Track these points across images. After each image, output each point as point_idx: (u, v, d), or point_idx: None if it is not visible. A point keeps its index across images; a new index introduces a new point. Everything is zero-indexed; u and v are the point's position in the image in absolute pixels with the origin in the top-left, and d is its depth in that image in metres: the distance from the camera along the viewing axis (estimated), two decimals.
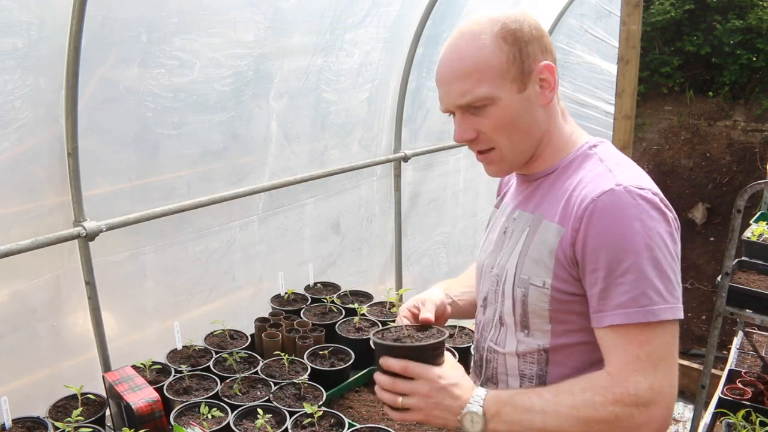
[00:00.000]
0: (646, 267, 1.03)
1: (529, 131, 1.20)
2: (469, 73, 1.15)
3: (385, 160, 3.44)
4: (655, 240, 1.04)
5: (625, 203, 1.05)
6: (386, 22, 3.07)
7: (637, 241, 1.04)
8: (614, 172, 1.12)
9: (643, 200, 1.06)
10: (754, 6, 6.99)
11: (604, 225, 1.06)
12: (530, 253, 1.19)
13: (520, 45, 1.16)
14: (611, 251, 1.05)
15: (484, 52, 1.15)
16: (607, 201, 1.06)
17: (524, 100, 1.17)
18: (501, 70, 1.15)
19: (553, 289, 1.15)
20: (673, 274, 1.06)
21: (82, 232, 2.09)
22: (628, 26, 2.55)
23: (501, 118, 1.17)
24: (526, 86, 1.17)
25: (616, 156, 1.20)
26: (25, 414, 1.96)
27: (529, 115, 1.18)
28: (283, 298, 2.78)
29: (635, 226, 1.04)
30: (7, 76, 1.89)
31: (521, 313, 1.21)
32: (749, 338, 3.36)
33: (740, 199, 2.71)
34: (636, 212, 1.05)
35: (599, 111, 4.48)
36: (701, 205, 6.94)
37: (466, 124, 1.20)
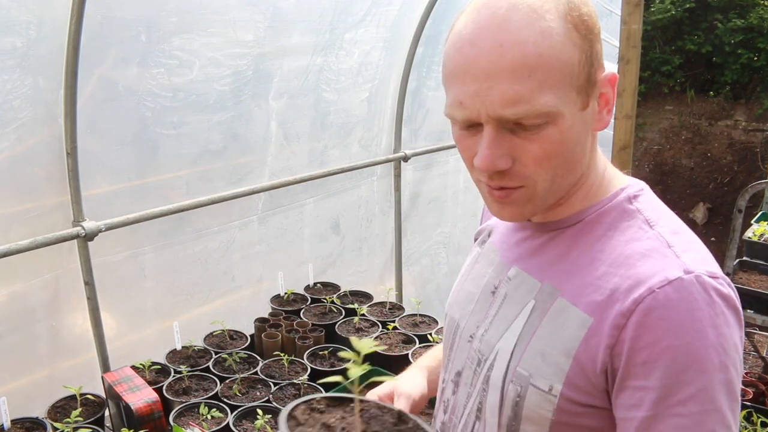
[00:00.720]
0: (718, 394, 0.73)
1: (577, 165, 0.85)
2: (529, 69, 0.75)
3: (385, 160, 3.44)
4: (731, 355, 0.75)
5: (698, 302, 0.74)
6: (386, 22, 3.06)
7: (711, 358, 0.73)
8: (676, 249, 0.79)
9: (720, 297, 0.75)
10: (756, 5, 6.99)
11: (667, 330, 0.74)
12: (536, 342, 0.86)
13: (591, 40, 0.80)
14: (672, 368, 0.73)
15: (552, 41, 0.75)
16: (674, 296, 0.74)
17: (584, 121, 0.81)
18: (572, 72, 0.77)
19: (563, 398, 0.82)
20: (739, 393, 0.78)
21: (81, 232, 2.09)
22: (629, 25, 2.55)
23: (557, 144, 0.79)
24: (588, 101, 0.81)
25: (667, 216, 0.86)
26: (24, 414, 1.96)
27: (583, 141, 0.83)
28: (283, 298, 2.78)
29: (710, 335, 0.73)
30: (6, 76, 1.88)
31: (510, 416, 0.87)
32: (750, 339, 3.36)
33: (741, 199, 2.70)
34: (711, 316, 0.74)
35: None
36: (702, 205, 6.94)
37: (502, 146, 0.79)
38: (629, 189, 0.88)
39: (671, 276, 0.75)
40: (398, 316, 2.69)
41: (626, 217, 0.85)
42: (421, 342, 2.45)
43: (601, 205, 0.87)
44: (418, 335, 2.49)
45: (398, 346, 2.43)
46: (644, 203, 0.87)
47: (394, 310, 2.77)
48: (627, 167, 2.70)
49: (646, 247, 0.81)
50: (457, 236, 4.18)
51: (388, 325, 2.51)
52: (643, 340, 0.75)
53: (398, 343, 2.45)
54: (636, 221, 0.85)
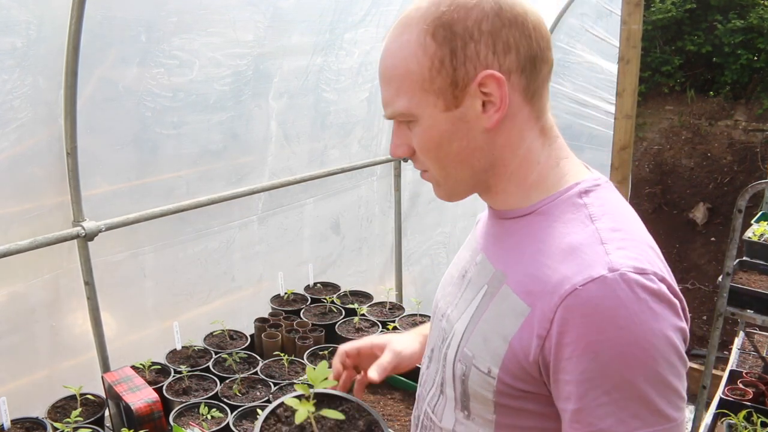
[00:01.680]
0: (643, 385, 0.76)
1: (466, 159, 0.90)
2: (389, 78, 0.89)
3: (384, 160, 3.44)
4: (659, 348, 0.77)
5: (620, 299, 0.76)
6: (386, 22, 3.06)
7: (634, 353, 0.76)
8: (607, 245, 0.81)
9: (645, 292, 0.77)
10: (755, 5, 6.99)
11: (588, 328, 0.77)
12: (482, 325, 0.90)
13: (455, 45, 0.84)
14: (594, 363, 0.77)
15: (404, 53, 0.86)
16: (595, 294, 0.77)
17: (456, 121, 0.87)
18: (422, 79, 0.86)
19: (500, 381, 0.86)
20: (679, 380, 0.79)
21: (81, 232, 2.09)
22: (629, 25, 2.54)
23: (425, 140, 0.89)
24: (459, 102, 0.86)
25: (614, 212, 0.87)
26: (24, 414, 1.96)
27: (464, 139, 0.88)
28: (283, 298, 2.78)
29: (633, 331, 0.76)
30: (6, 76, 1.88)
31: (461, 392, 0.93)
32: (750, 339, 3.36)
33: (741, 199, 2.70)
34: (635, 312, 0.76)
35: (600, 111, 4.47)
36: (702, 205, 6.94)
37: (400, 137, 0.93)
38: (584, 183, 0.90)
39: (595, 274, 0.78)
40: (398, 316, 2.68)
41: (572, 210, 0.87)
42: None
43: (553, 197, 0.90)
44: None
45: None
46: (594, 198, 0.88)
47: (394, 310, 2.77)
48: (627, 167, 2.70)
49: (580, 242, 0.83)
50: (457, 236, 4.18)
51: (388, 325, 2.51)
52: (567, 336, 0.78)
53: None
54: (580, 215, 0.86)
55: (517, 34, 0.85)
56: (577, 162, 0.95)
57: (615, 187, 0.95)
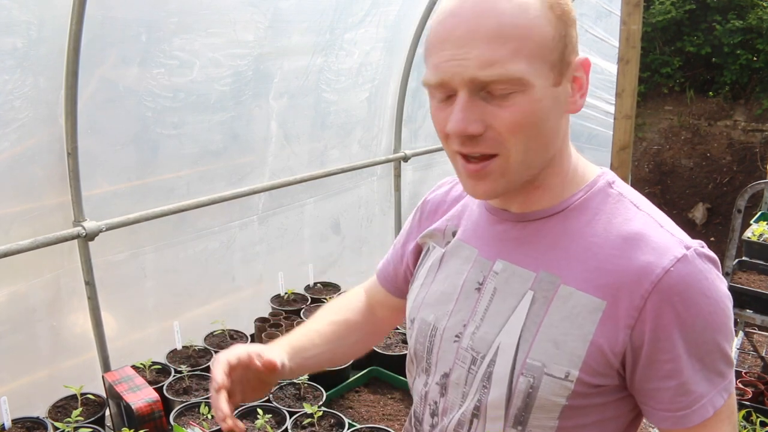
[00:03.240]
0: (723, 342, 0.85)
1: (551, 141, 0.87)
2: (506, 36, 0.79)
3: (385, 160, 3.44)
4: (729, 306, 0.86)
5: (703, 273, 0.83)
6: (386, 22, 3.06)
7: (719, 316, 0.84)
8: (665, 227, 0.87)
9: (710, 262, 0.86)
10: (754, 6, 6.99)
11: (686, 304, 0.81)
12: (546, 331, 0.87)
13: (567, 24, 0.84)
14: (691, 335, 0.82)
15: (529, 15, 0.80)
16: (685, 272, 0.82)
17: (555, 99, 0.84)
18: (546, 46, 0.81)
19: (579, 382, 0.85)
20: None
21: (81, 232, 2.09)
22: (629, 26, 2.55)
23: (527, 114, 0.81)
24: (560, 81, 0.84)
25: (641, 197, 0.93)
26: (25, 414, 1.96)
27: (555, 119, 0.85)
28: (283, 298, 2.78)
29: (715, 297, 0.83)
30: (6, 76, 1.88)
31: (521, 407, 0.88)
32: (750, 338, 3.36)
33: (740, 199, 2.71)
34: (712, 280, 0.84)
35: (599, 111, 4.48)
36: (701, 205, 6.94)
37: (474, 111, 0.82)
38: (606, 176, 0.94)
39: (678, 254, 0.83)
40: None
41: (611, 200, 0.90)
42: None
43: (583, 192, 0.91)
44: None
45: (398, 346, 2.44)
46: (622, 187, 0.93)
47: None
48: (627, 167, 2.70)
49: (641, 228, 0.86)
50: None
51: None
52: (665, 318, 0.82)
53: (398, 343, 2.46)
54: (623, 204, 0.90)
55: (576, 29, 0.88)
56: (582, 157, 0.98)
57: None
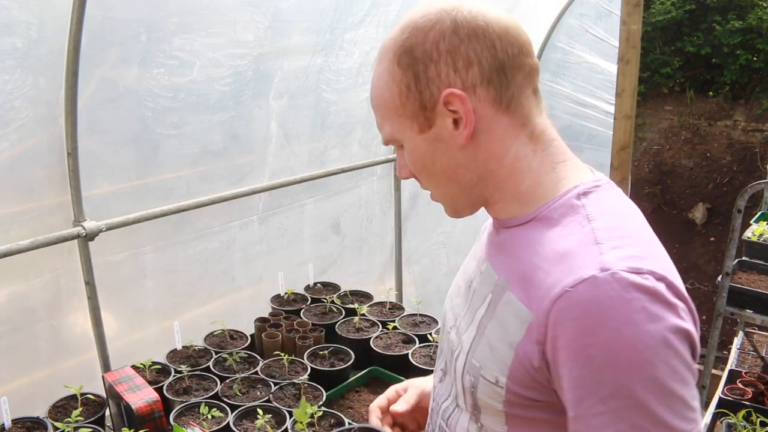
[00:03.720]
0: (640, 391, 0.72)
1: (452, 176, 0.91)
2: (375, 107, 0.94)
3: (385, 160, 3.44)
4: (657, 350, 0.72)
5: (612, 299, 0.73)
6: (386, 22, 3.06)
7: (629, 357, 0.72)
8: (602, 245, 0.78)
9: (639, 292, 0.73)
10: (754, 6, 7.00)
11: (579, 332, 0.74)
12: (487, 334, 0.88)
13: (417, 69, 0.86)
14: (586, 369, 0.74)
15: (380, 82, 0.91)
16: (585, 296, 0.74)
17: (433, 141, 0.89)
18: (395, 106, 0.89)
19: (509, 391, 0.84)
20: (685, 387, 0.74)
21: (81, 232, 2.09)
22: (629, 26, 2.55)
23: (412, 163, 0.93)
24: (431, 123, 0.88)
25: (614, 211, 0.85)
26: (25, 414, 1.96)
27: (444, 158, 0.90)
28: (283, 298, 2.78)
29: (626, 333, 0.72)
30: (6, 76, 1.88)
31: (472, 405, 0.92)
32: (749, 338, 3.36)
33: (740, 199, 2.71)
34: (627, 312, 0.72)
35: (599, 111, 4.47)
36: (701, 205, 6.95)
37: (401, 160, 0.97)
38: (582, 185, 0.88)
39: (585, 275, 0.75)
40: (398, 316, 2.69)
41: (571, 212, 0.85)
42: (421, 342, 2.45)
43: (552, 202, 0.88)
44: (418, 335, 2.50)
45: (398, 346, 2.44)
46: (593, 199, 0.86)
47: (394, 310, 2.77)
48: (627, 167, 2.70)
49: (575, 243, 0.80)
50: (457, 236, 4.18)
51: (388, 325, 2.52)
52: (560, 341, 0.76)
53: (398, 343, 2.46)
54: (578, 216, 0.84)
55: (478, 48, 0.85)
56: (579, 164, 0.93)
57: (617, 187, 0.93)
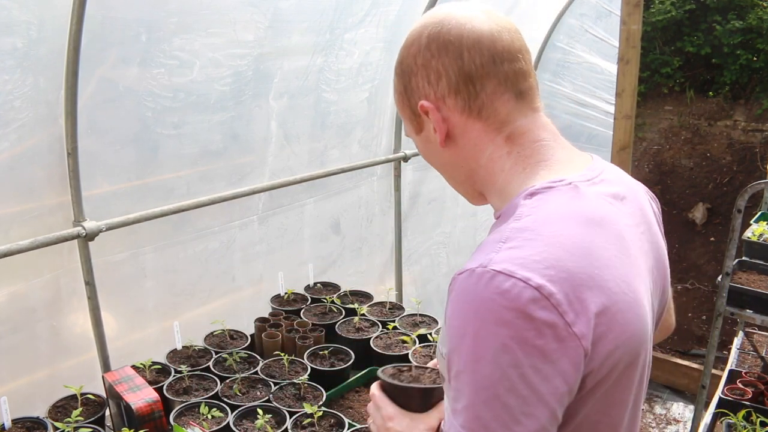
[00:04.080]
0: (465, 386, 0.79)
1: (446, 172, 1.06)
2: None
3: (385, 160, 3.44)
4: (495, 353, 0.76)
5: (475, 293, 0.79)
6: (386, 22, 3.06)
7: (467, 346, 0.78)
8: (504, 243, 0.82)
9: (499, 295, 0.77)
10: (754, 6, 6.99)
11: (452, 312, 0.83)
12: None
13: (406, 79, 0.98)
14: (451, 344, 0.82)
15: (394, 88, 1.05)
16: (461, 284, 0.82)
17: (425, 142, 1.03)
18: (399, 104, 1.03)
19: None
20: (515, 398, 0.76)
21: (81, 232, 2.09)
22: (629, 26, 2.55)
23: (421, 154, 1.08)
24: (421, 127, 1.01)
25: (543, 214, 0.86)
26: (25, 414, 1.97)
27: (437, 156, 1.03)
28: (283, 298, 2.78)
29: (469, 326, 0.78)
30: (6, 76, 1.88)
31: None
32: (750, 338, 3.36)
33: (740, 199, 2.71)
34: (478, 309, 0.78)
35: (599, 111, 4.47)
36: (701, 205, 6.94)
37: None
38: (536, 186, 0.90)
39: (468, 266, 0.82)
40: (398, 316, 2.69)
41: (512, 211, 0.89)
42: (420, 342, 2.45)
43: (511, 202, 0.92)
44: (418, 335, 2.50)
45: (398, 346, 2.44)
46: (536, 200, 0.88)
47: (394, 310, 2.77)
48: (627, 167, 2.70)
49: (491, 239, 0.87)
50: (457, 236, 4.18)
51: (388, 325, 2.52)
52: (446, 317, 0.85)
53: (398, 343, 2.46)
54: (512, 216, 0.88)
55: (447, 61, 0.92)
56: (558, 165, 0.94)
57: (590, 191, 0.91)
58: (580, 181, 0.92)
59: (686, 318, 5.73)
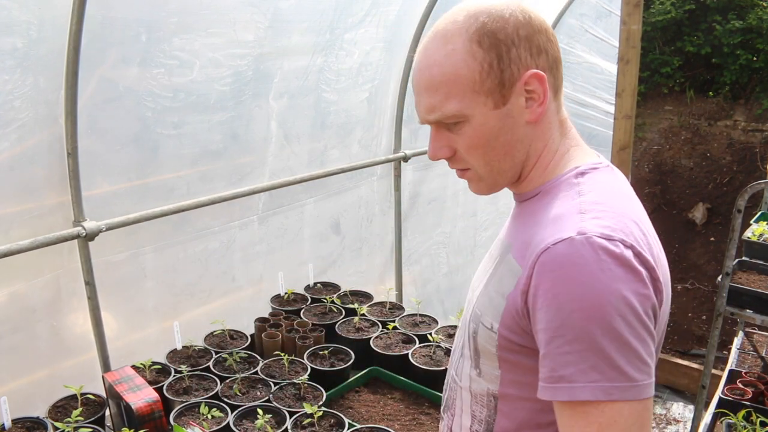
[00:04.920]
0: (600, 338, 0.83)
1: (510, 151, 1.02)
2: (437, 85, 0.98)
3: (385, 160, 3.44)
4: (616, 305, 0.84)
5: (583, 258, 0.85)
6: (386, 22, 3.06)
7: (593, 307, 0.84)
8: (584, 214, 0.91)
9: (607, 254, 0.85)
10: (754, 6, 6.99)
11: (555, 281, 0.87)
12: (488, 287, 1.04)
13: (500, 50, 0.96)
14: (558, 314, 0.86)
15: (453, 60, 0.96)
16: (562, 252, 0.87)
17: (504, 117, 0.99)
18: (472, 82, 0.97)
19: (500, 336, 0.99)
20: (640, 343, 0.85)
21: (81, 232, 2.09)
22: (629, 26, 2.55)
23: (474, 138, 1.00)
24: (506, 100, 0.98)
25: (603, 189, 0.98)
26: (25, 414, 1.97)
27: (509, 133, 1.00)
28: (283, 298, 2.78)
29: (593, 287, 0.84)
30: (6, 76, 1.88)
31: (473, 350, 1.07)
32: (750, 338, 3.36)
33: (740, 199, 2.71)
34: (595, 270, 0.84)
35: (599, 111, 4.48)
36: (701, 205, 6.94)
37: (440, 140, 1.04)
38: (583, 166, 1.02)
39: (564, 236, 0.88)
40: (398, 315, 2.69)
41: (566, 188, 1.00)
42: (421, 342, 2.45)
43: (556, 179, 1.03)
44: (418, 335, 2.50)
45: (398, 346, 2.44)
46: (588, 178, 1.00)
47: (394, 310, 2.77)
48: (627, 167, 2.70)
49: (563, 211, 0.94)
50: (457, 236, 4.18)
51: (388, 325, 2.52)
52: (539, 289, 0.89)
53: (398, 343, 2.46)
54: (571, 192, 0.98)
55: (543, 39, 0.99)
56: (587, 150, 1.08)
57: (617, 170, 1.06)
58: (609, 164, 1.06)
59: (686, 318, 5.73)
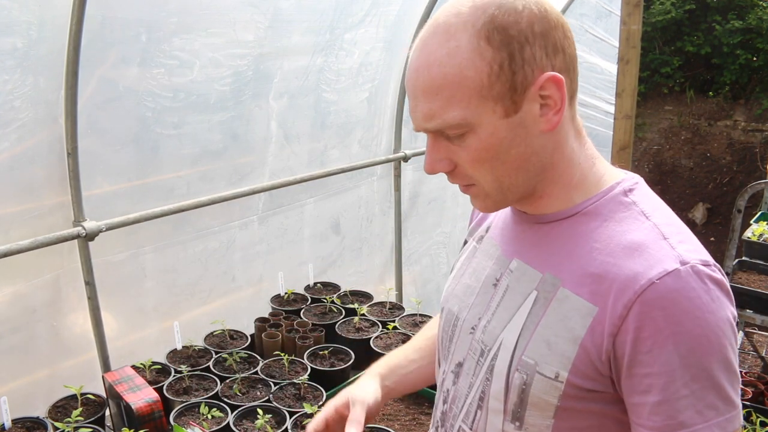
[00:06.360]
0: (717, 372, 0.79)
1: (523, 165, 0.87)
2: (436, 89, 0.82)
3: (385, 160, 3.44)
4: (727, 334, 0.80)
5: (695, 290, 0.79)
6: (386, 22, 3.06)
7: (711, 341, 0.79)
8: (670, 240, 0.83)
9: (713, 283, 0.80)
10: (754, 6, 7.00)
11: (668, 319, 0.78)
12: (541, 331, 0.88)
13: (512, 48, 0.81)
14: (675, 354, 0.79)
15: (456, 59, 0.81)
16: (673, 287, 0.79)
17: (515, 127, 0.84)
18: (479, 85, 0.81)
19: (568, 384, 0.86)
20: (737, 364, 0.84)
21: (81, 232, 2.09)
22: (629, 26, 2.55)
23: (481, 151, 0.85)
24: (518, 107, 0.83)
25: (661, 208, 0.89)
26: (25, 414, 1.97)
27: (522, 145, 0.85)
28: (283, 298, 2.78)
29: (707, 320, 0.79)
30: (6, 76, 1.88)
31: (516, 403, 0.91)
32: (750, 338, 3.36)
33: (740, 199, 2.71)
34: (707, 301, 0.79)
35: (599, 111, 4.48)
36: (701, 205, 6.94)
37: (439, 152, 0.89)
38: (624, 183, 0.91)
39: (669, 267, 0.80)
40: (398, 316, 2.69)
41: (622, 208, 0.89)
42: None
43: (597, 198, 0.90)
44: None
45: (398, 346, 2.44)
46: (639, 196, 0.90)
47: (394, 310, 2.77)
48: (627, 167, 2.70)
49: (642, 238, 0.84)
50: (457, 236, 4.18)
51: (388, 325, 2.52)
52: (646, 330, 0.79)
53: (398, 343, 2.46)
54: (632, 213, 0.88)
55: (560, 35, 0.84)
56: (607, 162, 0.96)
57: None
58: None
59: None
